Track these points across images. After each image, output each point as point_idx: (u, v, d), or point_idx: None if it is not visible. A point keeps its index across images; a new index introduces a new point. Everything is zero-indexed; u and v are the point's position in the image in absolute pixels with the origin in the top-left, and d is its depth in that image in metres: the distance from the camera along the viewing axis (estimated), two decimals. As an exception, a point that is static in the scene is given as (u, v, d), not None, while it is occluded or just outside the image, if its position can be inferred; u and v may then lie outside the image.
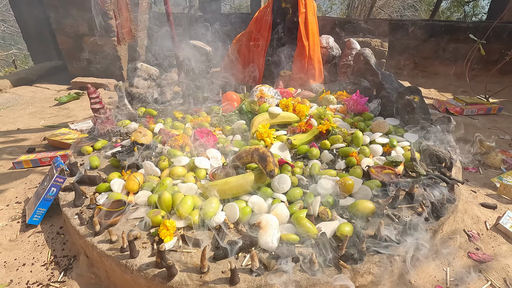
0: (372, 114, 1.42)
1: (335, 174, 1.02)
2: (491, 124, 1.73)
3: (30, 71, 2.84)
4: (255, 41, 1.73)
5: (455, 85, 2.41)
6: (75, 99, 2.30)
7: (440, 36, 2.46)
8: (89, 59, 2.71)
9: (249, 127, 1.30)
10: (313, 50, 1.70)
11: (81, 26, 2.59)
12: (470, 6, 15.59)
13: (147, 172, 1.04)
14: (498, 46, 2.37)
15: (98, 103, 1.36)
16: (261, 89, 1.41)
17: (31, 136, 1.70)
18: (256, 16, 1.75)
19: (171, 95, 1.79)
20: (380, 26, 2.53)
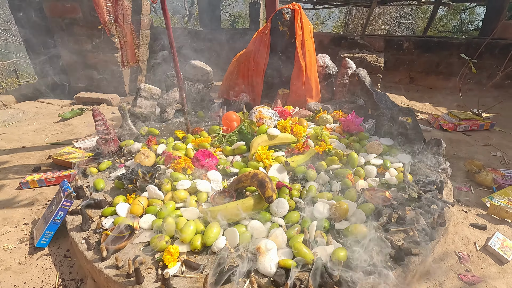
0: (367, 134, 1.48)
1: (331, 197, 1.07)
2: (484, 141, 1.78)
3: (33, 86, 2.90)
4: (255, 61, 1.79)
5: (450, 99, 2.47)
6: (79, 115, 2.36)
7: (434, 51, 2.52)
8: (92, 74, 2.77)
9: (248, 147, 1.35)
10: (310, 70, 1.76)
11: (84, 43, 2.66)
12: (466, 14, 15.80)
13: (150, 196, 1.08)
14: (491, 61, 2.44)
15: (103, 125, 1.41)
16: (260, 111, 1.46)
17: (36, 154, 1.75)
18: (255, 37, 1.82)
19: (173, 113, 1.84)
20: (375, 42, 2.60)
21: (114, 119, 2.28)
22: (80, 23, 2.55)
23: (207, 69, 1.78)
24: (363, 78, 1.62)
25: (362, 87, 1.63)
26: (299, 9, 1.64)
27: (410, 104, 2.42)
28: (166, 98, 1.79)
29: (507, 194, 1.24)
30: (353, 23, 14.32)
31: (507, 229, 1.10)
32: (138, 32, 2.86)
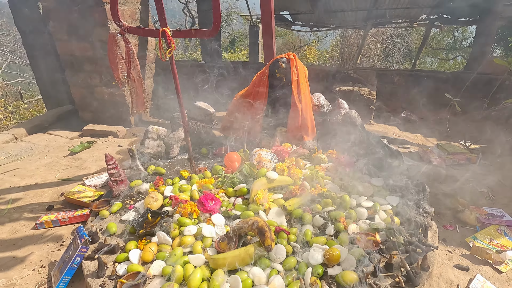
0: (359, 174, 1.59)
1: (325, 241, 1.17)
2: (471, 175, 1.89)
3: (43, 118, 3.04)
4: (254, 102, 1.93)
5: (439, 129, 2.60)
6: (87, 148, 2.47)
7: (423, 85, 2.68)
8: (100, 107, 2.92)
9: (249, 189, 1.46)
10: (306, 110, 1.89)
11: (93, 78, 2.82)
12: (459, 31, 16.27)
13: (160, 241, 1.18)
14: (477, 94, 2.58)
15: (114, 168, 1.53)
16: (260, 154, 1.58)
17: (49, 191, 1.85)
18: (255, 80, 1.97)
19: (178, 151, 1.96)
20: (368, 75, 2.76)
21: (121, 153, 2.40)
22: (90, 60, 2.72)
23: (210, 110, 1.92)
24: (355, 120, 1.76)
25: (354, 128, 1.76)
26: (294, 58, 1.80)
27: (402, 135, 2.55)
28: (171, 137, 1.91)
29: (489, 233, 1.34)
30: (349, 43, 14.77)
31: (488, 270, 1.19)
32: (143, 67, 3.03)
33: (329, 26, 8.04)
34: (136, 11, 2.83)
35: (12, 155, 2.39)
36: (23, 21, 3.22)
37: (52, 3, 2.53)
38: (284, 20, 7.47)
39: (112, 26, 2.54)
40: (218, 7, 1.32)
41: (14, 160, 2.30)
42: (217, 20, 1.34)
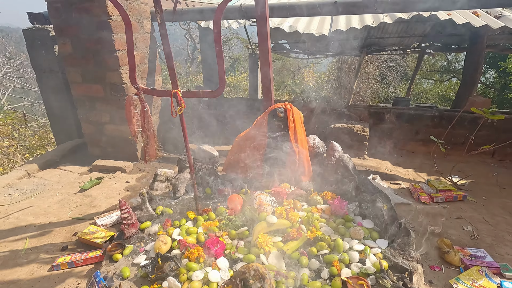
0: (352, 215, 1.72)
1: (320, 286, 1.28)
2: (457, 213, 2.02)
3: (54, 153, 3.20)
4: (255, 145, 2.10)
5: (429, 164, 2.74)
6: (97, 185, 2.61)
7: (412, 122, 2.87)
8: (108, 142, 3.09)
9: (250, 231, 1.59)
10: (302, 153, 2.06)
11: (104, 116, 3.01)
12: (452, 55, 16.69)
13: (170, 287, 1.30)
14: (463, 131, 2.76)
15: (127, 213, 1.66)
16: (260, 198, 1.72)
17: (62, 231, 1.97)
18: (255, 125, 2.15)
19: (184, 191, 2.10)
20: (361, 112, 2.96)
21: (128, 189, 2.54)
22: (101, 100, 2.92)
23: (214, 153, 2.09)
24: (347, 164, 1.91)
25: (346, 170, 1.92)
26: (290, 108, 1.99)
27: (394, 170, 2.70)
28: (178, 178, 2.06)
29: (472, 275, 1.45)
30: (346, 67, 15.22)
31: (470, 311, 1.29)
32: (150, 104, 3.23)
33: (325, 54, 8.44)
34: (145, 55, 3.07)
35: (25, 192, 2.53)
36: (39, 62, 3.46)
37: (69, 50, 2.77)
38: (283, 48, 7.84)
39: (123, 71, 2.76)
40: (223, 70, 1.52)
41: (28, 197, 2.44)
42: (222, 82, 1.53)
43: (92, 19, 2.58)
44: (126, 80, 2.80)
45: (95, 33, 2.63)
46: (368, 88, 14.78)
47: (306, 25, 3.08)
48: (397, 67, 15.02)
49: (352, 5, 2.55)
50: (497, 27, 2.62)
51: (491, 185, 2.44)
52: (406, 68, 15.17)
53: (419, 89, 17.02)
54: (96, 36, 2.64)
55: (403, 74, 15.81)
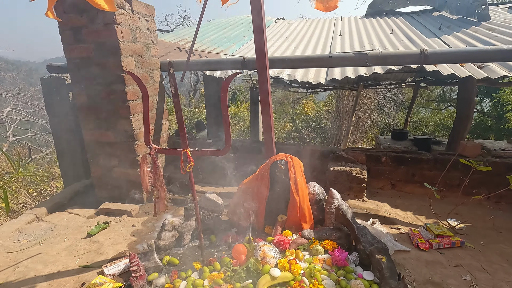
0: (353, 266, 1.78)
1: None
2: (456, 261, 2.07)
3: (62, 195, 3.30)
4: (257, 193, 2.20)
5: (427, 206, 2.82)
6: (104, 229, 2.68)
7: (408, 164, 2.99)
8: (115, 185, 3.20)
9: (254, 285, 1.64)
10: (303, 201, 2.16)
11: (113, 160, 3.15)
12: (448, 84, 17.06)
13: None
14: (457, 173, 2.87)
15: (136, 265, 1.73)
16: (263, 249, 1.80)
17: (70, 281, 2.02)
18: (258, 173, 2.27)
19: (189, 239, 2.17)
20: (358, 155, 3.09)
21: (135, 234, 2.60)
22: (111, 145, 3.08)
23: (219, 202, 2.19)
24: (346, 213, 2.01)
25: (345, 219, 2.00)
26: (291, 160, 2.12)
27: (393, 213, 2.77)
28: (185, 226, 2.14)
29: (471, 330, 1.49)
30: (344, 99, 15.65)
31: None
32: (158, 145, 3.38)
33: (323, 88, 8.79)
34: (154, 102, 3.28)
35: (34, 237, 2.60)
36: (53, 107, 3.68)
37: (84, 100, 2.97)
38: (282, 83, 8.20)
39: (134, 118, 2.95)
40: (229, 133, 1.67)
41: (36, 243, 2.50)
42: (228, 144, 1.67)
43: (107, 73, 2.82)
44: (135, 127, 2.97)
45: (109, 85, 2.85)
46: (367, 118, 15.12)
47: (304, 74, 3.32)
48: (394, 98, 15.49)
49: (345, 59, 2.79)
50: (480, 78, 2.83)
51: (488, 229, 2.50)
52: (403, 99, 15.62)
53: (417, 118, 17.34)
54: (110, 88, 2.86)
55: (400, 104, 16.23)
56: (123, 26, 2.73)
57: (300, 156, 3.31)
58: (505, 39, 3.44)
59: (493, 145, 6.19)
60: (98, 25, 2.67)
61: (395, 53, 2.68)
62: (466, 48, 2.74)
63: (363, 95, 14.58)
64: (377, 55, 2.67)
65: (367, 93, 14.55)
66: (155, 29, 3.26)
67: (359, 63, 2.76)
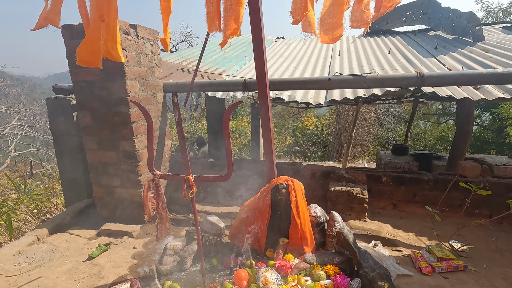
0: (355, 293, 1.77)
1: None
2: (459, 285, 2.05)
3: (63, 216, 3.30)
4: (259, 216, 2.21)
5: (429, 226, 2.81)
6: (105, 251, 2.67)
7: (408, 184, 3.00)
8: (117, 206, 3.21)
9: (256, 313, 1.63)
10: (304, 224, 2.16)
11: (115, 180, 3.18)
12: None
13: None
14: (458, 194, 2.87)
15: (137, 292, 1.72)
16: (265, 276, 1.79)
17: (71, 307, 2.00)
18: (259, 196, 2.28)
19: (191, 263, 2.16)
20: (359, 175, 3.11)
21: (136, 257, 2.59)
22: (114, 166, 3.11)
23: (221, 225, 2.20)
24: (347, 237, 2.01)
25: (347, 244, 2.00)
26: (292, 183, 2.15)
27: (395, 234, 2.76)
28: (186, 250, 2.14)
29: None
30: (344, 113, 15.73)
31: None
32: (159, 166, 3.42)
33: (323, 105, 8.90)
34: (157, 123, 3.34)
35: (35, 260, 2.59)
36: (57, 126, 3.74)
37: (88, 122, 3.03)
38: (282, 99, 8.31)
39: (137, 139, 3.00)
40: (231, 159, 1.70)
41: (37, 266, 2.49)
42: (230, 169, 1.70)
43: (112, 95, 2.88)
44: (138, 148, 3.01)
45: (113, 108, 2.91)
46: (367, 132, 15.18)
47: (304, 95, 3.39)
48: (393, 112, 15.62)
49: (344, 81, 2.86)
50: (477, 99, 2.89)
51: (491, 251, 2.48)
52: (402, 113, 15.74)
53: (418, 131, 17.38)
54: (114, 110, 2.92)
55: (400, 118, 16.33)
56: (128, 51, 2.83)
57: (301, 176, 3.35)
58: (500, 60, 3.53)
59: (494, 160, 6.19)
60: (104, 50, 2.75)
61: (392, 76, 2.75)
62: (461, 72, 2.81)
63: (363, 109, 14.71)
64: (375, 78, 2.74)
65: (366, 107, 14.68)
66: (159, 52, 3.36)
67: (358, 85, 2.83)
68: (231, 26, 1.40)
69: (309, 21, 1.46)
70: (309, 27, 1.49)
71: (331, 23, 1.42)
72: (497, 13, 16.88)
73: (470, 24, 4.66)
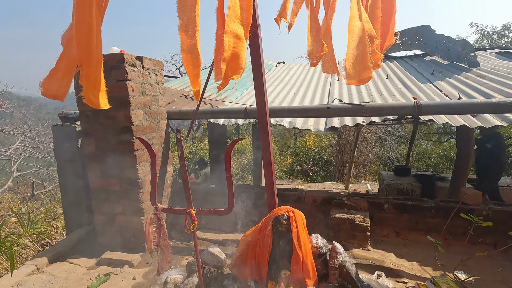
0: (359, 330, 1.73)
1: None
2: (466, 321, 1.99)
3: (64, 244, 3.28)
4: (260, 248, 2.20)
5: (433, 255, 2.76)
6: (104, 282, 2.64)
7: (410, 212, 2.99)
8: (118, 233, 3.19)
9: None
10: (306, 256, 2.14)
11: (117, 207, 3.19)
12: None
13: None
14: (461, 221, 2.85)
15: (136, 330, 1.69)
16: (267, 312, 1.76)
17: None
18: (260, 227, 2.28)
19: (191, 297, 2.13)
20: (360, 202, 3.10)
21: (135, 287, 2.55)
22: (116, 193, 3.13)
23: (222, 257, 2.18)
24: (350, 270, 1.99)
25: (349, 277, 1.98)
26: (293, 214, 2.16)
27: (399, 264, 2.72)
28: (186, 284, 2.12)
29: None
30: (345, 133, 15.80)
31: None
32: (161, 193, 3.44)
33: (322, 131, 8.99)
34: (160, 149, 3.40)
35: (33, 292, 2.55)
36: (62, 152, 3.80)
37: (93, 150, 3.09)
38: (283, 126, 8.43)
39: (139, 167, 3.04)
40: (232, 194, 1.73)
41: (35, 299, 2.45)
42: (231, 204, 1.73)
43: (117, 124, 2.96)
44: (141, 175, 3.05)
45: (117, 136, 2.98)
46: (369, 152, 15.19)
47: (304, 122, 3.46)
48: (394, 132, 15.70)
49: (343, 110, 2.93)
50: (474, 127, 2.94)
51: (497, 282, 2.43)
52: (403, 132, 15.81)
53: (420, 150, 17.34)
54: (118, 139, 2.98)
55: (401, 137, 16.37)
56: (134, 82, 2.93)
57: (302, 202, 3.35)
58: (495, 87, 3.61)
59: (498, 181, 6.15)
60: (111, 81, 2.86)
61: (390, 105, 2.82)
62: (457, 101, 2.88)
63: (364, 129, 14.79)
64: (373, 107, 2.81)
65: (367, 127, 14.79)
66: (163, 82, 3.48)
67: (356, 113, 2.89)
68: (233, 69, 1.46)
69: (329, 62, 1.49)
70: (330, 68, 1.51)
71: (357, 64, 1.42)
72: (491, 35, 17.37)
73: (464, 51, 4.81)
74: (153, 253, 1.74)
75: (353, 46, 1.44)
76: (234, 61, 1.43)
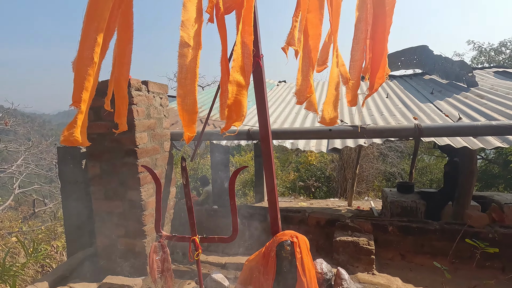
0: None
1: None
2: None
3: (65, 267, 3.24)
4: (264, 273, 2.17)
5: (440, 280, 2.71)
6: (105, 308, 2.59)
7: (415, 234, 2.95)
8: (120, 255, 3.16)
9: None
10: (310, 282, 2.11)
11: (119, 229, 3.17)
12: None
13: None
14: (467, 245, 2.81)
15: None
16: None
17: None
18: (264, 252, 2.26)
19: (194, 325, 2.09)
20: (364, 224, 3.08)
21: (136, 314, 2.51)
22: (119, 215, 3.13)
23: (225, 284, 2.16)
24: (355, 298, 1.95)
25: (355, 306, 1.94)
26: (297, 239, 2.14)
27: (405, 289, 2.66)
28: (189, 312, 2.08)
29: None
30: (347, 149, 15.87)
31: None
32: (164, 214, 3.43)
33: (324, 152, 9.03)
34: (163, 171, 3.42)
35: (33, 319, 2.51)
36: (66, 173, 3.83)
37: (97, 172, 3.12)
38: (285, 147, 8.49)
39: (143, 189, 3.05)
40: (236, 222, 1.74)
41: (34, 327, 2.40)
42: (235, 232, 1.73)
43: (121, 147, 3.00)
44: (144, 197, 3.06)
45: (122, 159, 3.01)
46: (371, 168, 15.12)
47: (306, 143, 3.49)
48: (396, 148, 15.69)
49: (344, 132, 2.96)
50: (476, 148, 2.95)
51: (507, 308, 2.37)
52: (404, 148, 15.79)
53: (422, 165, 17.23)
54: (122, 161, 3.02)
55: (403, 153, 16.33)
56: (139, 106, 3.00)
57: (306, 224, 3.33)
58: (495, 107, 3.65)
59: (503, 198, 6.05)
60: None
61: (391, 128, 2.86)
62: (458, 123, 2.91)
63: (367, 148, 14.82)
64: (374, 129, 2.84)
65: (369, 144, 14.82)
66: (167, 104, 3.55)
67: (358, 135, 2.93)
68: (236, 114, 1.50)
69: (311, 102, 1.60)
70: (311, 107, 1.61)
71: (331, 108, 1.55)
72: (488, 52, 17.67)
73: (462, 71, 4.90)
74: (156, 282, 1.72)
75: (331, 91, 1.58)
76: (236, 107, 1.48)
